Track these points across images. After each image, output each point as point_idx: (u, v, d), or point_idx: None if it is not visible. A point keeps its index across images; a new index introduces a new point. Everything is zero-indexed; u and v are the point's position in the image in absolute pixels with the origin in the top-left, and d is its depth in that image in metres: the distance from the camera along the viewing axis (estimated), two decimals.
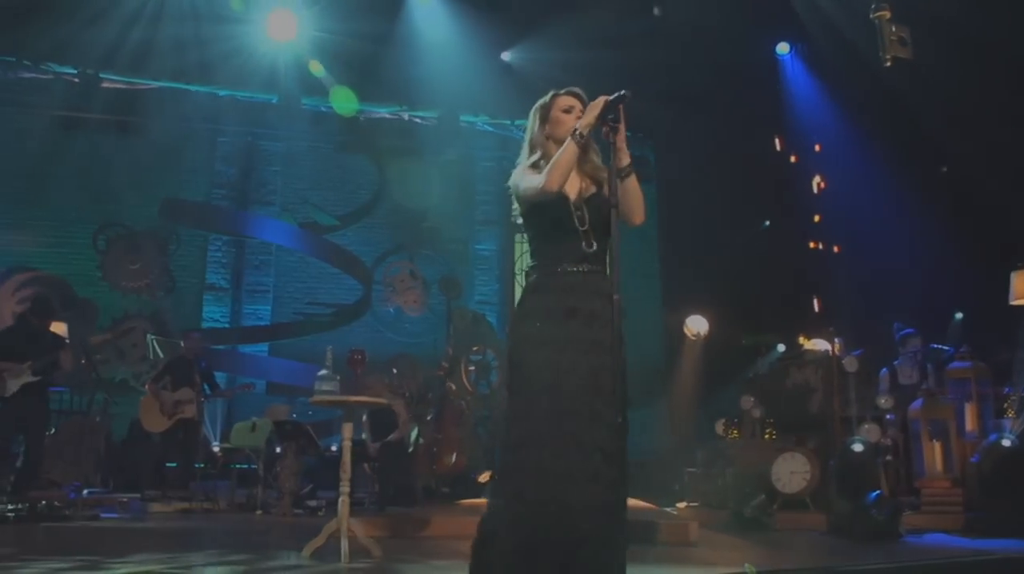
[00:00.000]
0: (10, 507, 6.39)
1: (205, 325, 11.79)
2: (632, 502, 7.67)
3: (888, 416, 6.80)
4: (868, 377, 7.20)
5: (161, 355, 9.21)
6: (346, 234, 12.78)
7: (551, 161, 3.08)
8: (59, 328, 9.27)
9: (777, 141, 9.79)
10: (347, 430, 4.97)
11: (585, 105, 3.15)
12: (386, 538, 5.64)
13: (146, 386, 8.48)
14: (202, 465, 8.99)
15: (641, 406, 11.76)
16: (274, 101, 11.55)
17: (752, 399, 7.68)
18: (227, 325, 11.97)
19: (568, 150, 3.05)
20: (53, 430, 9.02)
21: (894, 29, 6.47)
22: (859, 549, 5.21)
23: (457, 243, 13.04)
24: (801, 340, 8.78)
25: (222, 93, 11.84)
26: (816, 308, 9.22)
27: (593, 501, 2.79)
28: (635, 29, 9.99)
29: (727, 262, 10.35)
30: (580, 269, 3.09)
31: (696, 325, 11.09)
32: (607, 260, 3.19)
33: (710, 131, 10.39)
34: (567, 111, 3.20)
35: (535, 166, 3.21)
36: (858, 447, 5.99)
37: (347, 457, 4.91)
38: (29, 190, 11.39)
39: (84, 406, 9.43)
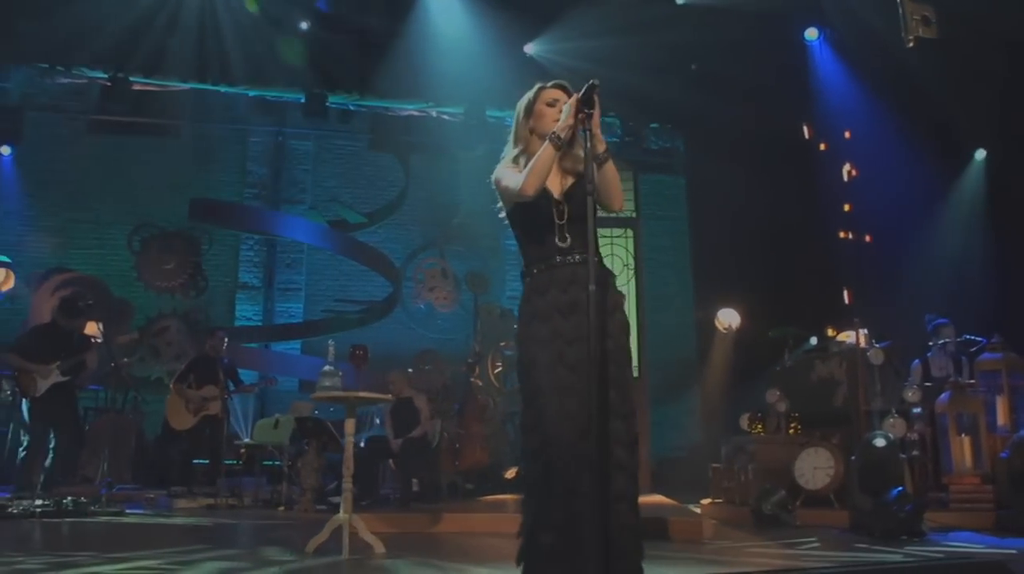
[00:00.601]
0: (36, 503, 6.52)
1: (238, 323, 11.95)
2: (655, 499, 7.59)
3: (915, 410, 6.57)
4: (897, 370, 6.97)
5: None
6: (377, 231, 12.84)
7: (528, 165, 3.06)
8: (92, 328, 9.48)
9: (805, 129, 9.55)
10: (349, 426, 4.96)
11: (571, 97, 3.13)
12: (397, 534, 5.64)
13: (171, 385, 8.60)
14: (237, 462, 9.10)
15: (673, 401, 11.64)
16: (301, 100, 11.63)
17: (777, 393, 7.51)
18: (260, 323, 12.11)
19: (545, 154, 3.03)
20: (87, 427, 9.25)
21: (917, 8, 6.23)
22: (877, 547, 5.04)
23: (488, 238, 13.00)
24: (830, 332, 8.55)
25: (251, 93, 11.97)
26: (847, 299, 8.98)
27: (619, 492, 2.85)
28: (660, 15, 9.85)
29: (757, 254, 10.20)
30: (572, 260, 3.06)
31: (727, 318, 10.90)
32: (595, 247, 3.19)
33: (739, 121, 10.20)
34: (551, 104, 3.20)
35: (515, 162, 3.22)
36: (879, 442, 5.79)
37: (349, 453, 4.91)
38: (68, 194, 11.69)
39: (119, 405, 9.64)
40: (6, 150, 11.26)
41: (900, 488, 5.50)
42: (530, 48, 10.49)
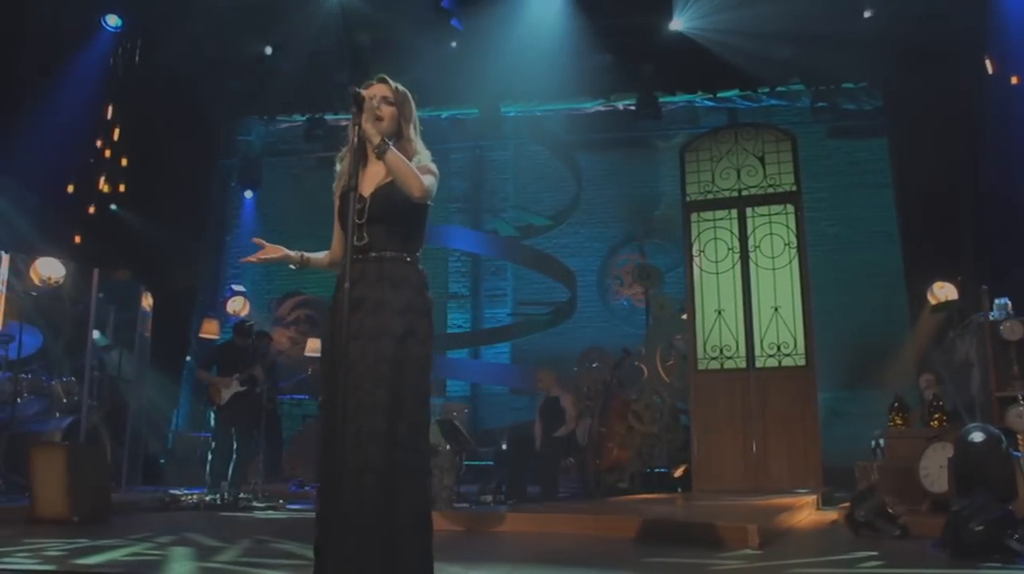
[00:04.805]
0: (198, 498, 7.63)
1: (450, 331, 12.70)
2: (781, 501, 6.85)
3: None
4: None
5: None
6: (579, 231, 12.95)
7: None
8: (313, 345, 10.67)
9: (988, 63, 7.99)
10: None
11: (392, 91, 3.26)
12: (461, 533, 5.80)
13: None
14: None
15: (880, 388, 10.33)
16: (476, 114, 12.07)
17: (931, 377, 6.45)
18: (469, 330, 12.77)
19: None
20: (296, 432, 10.47)
21: None
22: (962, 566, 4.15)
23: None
24: None
25: (444, 115, 12.67)
26: None
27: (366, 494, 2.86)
28: None
29: (968, 216, 8.84)
30: (362, 257, 3.14)
31: (943, 293, 9.43)
32: (391, 244, 3.21)
33: (932, 69, 8.87)
34: None
35: (341, 160, 3.40)
36: (976, 437, 4.72)
37: None
38: (299, 226, 13.13)
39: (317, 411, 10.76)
40: (249, 194, 13.07)
41: (986, 496, 4.47)
42: (677, 24, 9.92)
